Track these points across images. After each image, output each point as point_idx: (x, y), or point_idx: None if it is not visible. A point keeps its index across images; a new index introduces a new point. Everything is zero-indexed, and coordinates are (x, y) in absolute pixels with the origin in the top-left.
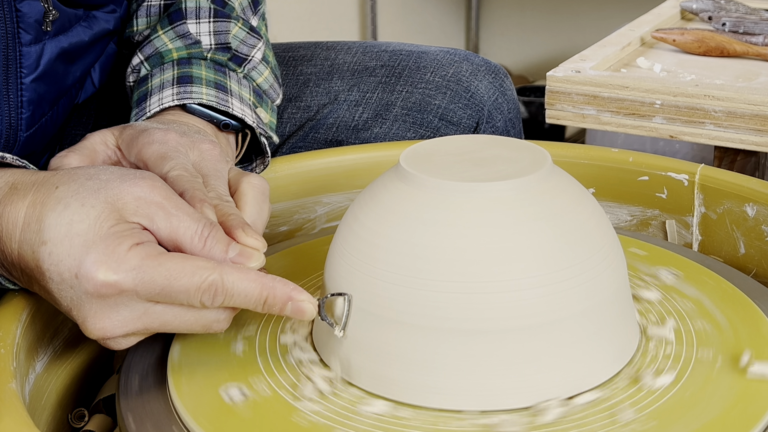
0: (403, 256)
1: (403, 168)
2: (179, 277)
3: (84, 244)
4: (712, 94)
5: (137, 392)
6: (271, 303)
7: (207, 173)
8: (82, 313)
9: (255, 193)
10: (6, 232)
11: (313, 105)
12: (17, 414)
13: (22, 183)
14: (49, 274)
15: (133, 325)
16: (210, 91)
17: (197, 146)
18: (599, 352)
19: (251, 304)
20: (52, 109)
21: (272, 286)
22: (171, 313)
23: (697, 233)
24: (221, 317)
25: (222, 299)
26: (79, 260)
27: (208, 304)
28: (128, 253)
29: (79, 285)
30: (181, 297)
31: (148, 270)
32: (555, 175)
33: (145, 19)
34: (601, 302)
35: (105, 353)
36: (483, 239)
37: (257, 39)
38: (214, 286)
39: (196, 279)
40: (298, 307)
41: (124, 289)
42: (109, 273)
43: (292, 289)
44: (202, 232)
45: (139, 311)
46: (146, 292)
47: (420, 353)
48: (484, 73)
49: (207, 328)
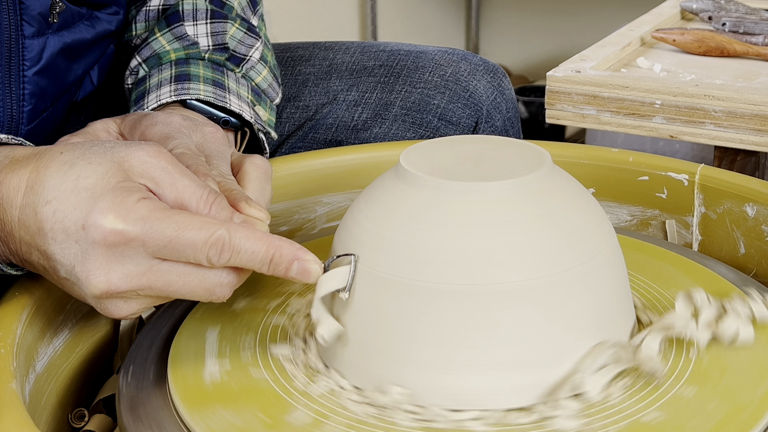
0: (404, 258)
1: (403, 168)
2: (187, 230)
3: (92, 196)
4: (712, 94)
5: (137, 392)
6: (277, 262)
7: (210, 153)
8: (86, 266)
9: (258, 173)
10: (7, 199)
11: (311, 105)
12: (17, 414)
13: (23, 155)
14: (53, 234)
15: (138, 280)
16: (208, 88)
17: (200, 129)
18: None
19: (257, 262)
20: (53, 105)
21: (279, 245)
22: (176, 272)
23: (697, 233)
24: (224, 281)
25: (228, 256)
26: (86, 211)
27: (214, 260)
28: (137, 204)
29: (85, 236)
30: (188, 251)
31: (156, 221)
32: (555, 174)
33: (143, 24)
34: (600, 302)
35: (105, 353)
36: (483, 240)
37: (255, 39)
38: (222, 241)
39: (204, 232)
40: (304, 268)
41: (132, 238)
42: (117, 220)
43: (298, 248)
44: (207, 198)
45: (144, 266)
46: (154, 244)
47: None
48: (483, 73)
49: (210, 292)
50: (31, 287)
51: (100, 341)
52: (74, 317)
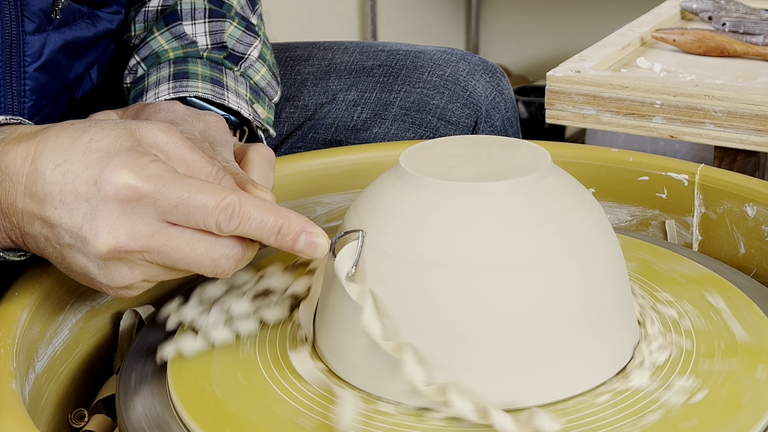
0: (404, 258)
1: (403, 168)
2: (199, 193)
3: (105, 156)
4: (712, 94)
5: (137, 392)
6: (285, 232)
7: (213, 141)
8: (95, 223)
9: (262, 161)
10: (13, 168)
11: (310, 104)
12: (17, 414)
13: (30, 130)
14: (61, 197)
15: (146, 241)
16: (206, 85)
17: (203, 118)
18: (599, 352)
19: (266, 231)
20: (54, 103)
21: (287, 216)
22: (183, 238)
23: (697, 233)
24: (230, 253)
25: (238, 222)
26: (99, 168)
27: (223, 225)
28: (151, 163)
29: (97, 192)
30: (198, 213)
31: (168, 181)
32: (555, 174)
33: (142, 24)
34: (600, 303)
35: (105, 353)
36: (483, 240)
37: (254, 37)
38: (232, 206)
39: (215, 196)
40: (312, 241)
41: (145, 194)
42: (132, 175)
43: (306, 221)
44: (216, 174)
45: (153, 227)
46: (165, 203)
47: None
48: (481, 73)
49: (215, 263)
50: (31, 287)
51: (100, 341)
52: (74, 317)
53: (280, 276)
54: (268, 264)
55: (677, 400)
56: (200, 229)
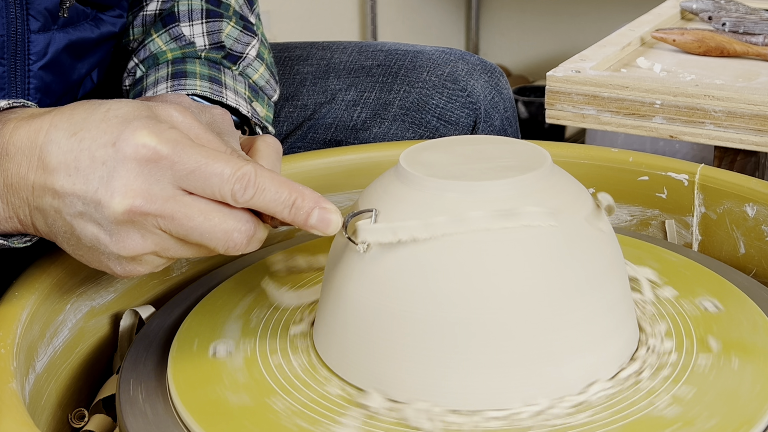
0: (404, 259)
1: (403, 168)
2: (216, 160)
3: (123, 120)
4: (712, 94)
5: (137, 392)
6: (299, 206)
7: (221, 131)
8: (111, 185)
9: (270, 151)
10: (27, 141)
11: (310, 104)
12: (17, 414)
13: (43, 110)
14: (76, 163)
15: (161, 204)
16: (204, 83)
17: (209, 110)
18: (599, 353)
19: (280, 204)
20: (58, 102)
21: (301, 191)
22: (198, 207)
23: (697, 233)
24: (243, 227)
25: (252, 192)
26: (118, 131)
27: (239, 195)
28: (169, 129)
29: (114, 153)
30: (214, 181)
31: (186, 147)
32: (555, 174)
33: (140, 28)
34: (600, 303)
35: (105, 353)
36: (482, 240)
37: (251, 37)
38: (248, 176)
39: (231, 165)
40: (325, 217)
41: (163, 156)
42: (151, 136)
43: (320, 197)
44: (231, 153)
45: (169, 192)
46: (182, 167)
47: (422, 350)
48: (480, 73)
49: (228, 235)
50: (31, 287)
51: (100, 341)
52: (74, 317)
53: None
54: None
55: (677, 400)
56: (215, 200)
